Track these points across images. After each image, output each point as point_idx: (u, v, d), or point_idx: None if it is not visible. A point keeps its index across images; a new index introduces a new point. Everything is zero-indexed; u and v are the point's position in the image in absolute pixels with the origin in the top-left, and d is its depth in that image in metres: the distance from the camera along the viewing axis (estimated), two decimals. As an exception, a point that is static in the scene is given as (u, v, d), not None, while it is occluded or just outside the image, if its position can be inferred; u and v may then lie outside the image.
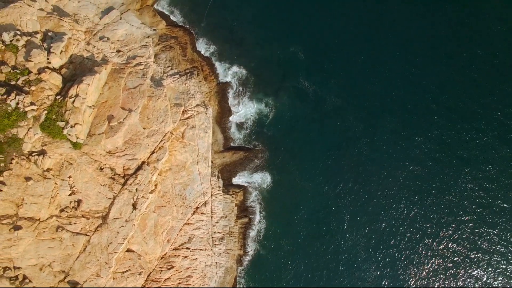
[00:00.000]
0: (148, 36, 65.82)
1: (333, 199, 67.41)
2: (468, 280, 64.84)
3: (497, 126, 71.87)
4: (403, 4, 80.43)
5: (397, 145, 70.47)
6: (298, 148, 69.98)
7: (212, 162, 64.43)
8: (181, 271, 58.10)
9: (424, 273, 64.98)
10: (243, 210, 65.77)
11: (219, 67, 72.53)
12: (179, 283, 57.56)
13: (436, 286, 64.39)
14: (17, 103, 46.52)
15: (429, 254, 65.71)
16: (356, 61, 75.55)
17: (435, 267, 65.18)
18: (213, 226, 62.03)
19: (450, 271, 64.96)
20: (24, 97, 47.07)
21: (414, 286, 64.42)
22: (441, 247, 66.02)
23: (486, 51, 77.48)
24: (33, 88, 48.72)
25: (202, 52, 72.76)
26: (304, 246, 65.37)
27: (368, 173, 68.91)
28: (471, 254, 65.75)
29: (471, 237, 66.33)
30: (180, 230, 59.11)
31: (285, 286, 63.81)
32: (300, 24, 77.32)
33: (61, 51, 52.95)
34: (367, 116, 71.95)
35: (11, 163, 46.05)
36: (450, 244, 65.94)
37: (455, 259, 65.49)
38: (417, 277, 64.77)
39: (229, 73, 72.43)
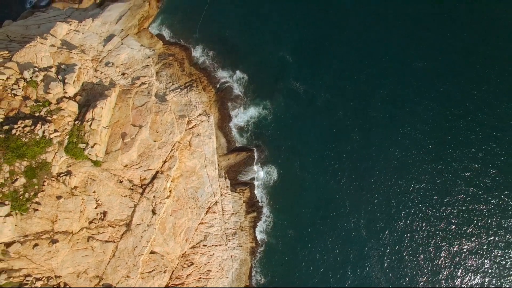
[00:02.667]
0: (148, 57, 68.75)
1: (333, 187, 70.97)
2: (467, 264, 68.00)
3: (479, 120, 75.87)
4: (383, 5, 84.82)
5: (386, 133, 74.54)
6: (296, 144, 73.48)
7: (218, 164, 67.65)
8: (200, 267, 61.63)
9: (422, 250, 68.42)
10: (251, 206, 69.11)
11: (217, 76, 75.78)
12: (200, 278, 60.99)
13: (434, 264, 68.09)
14: (43, 132, 50.12)
15: (427, 233, 69.05)
16: (340, 60, 79.34)
17: (433, 245, 68.56)
18: (225, 223, 65.54)
19: (447, 254, 68.42)
20: (48, 126, 50.72)
21: (413, 263, 68.20)
22: (438, 226, 69.54)
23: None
24: (54, 116, 52.38)
25: (199, 64, 75.97)
26: (310, 233, 68.81)
27: (363, 160, 72.54)
28: (469, 232, 69.10)
29: (469, 217, 69.84)
30: (196, 229, 62.48)
31: (296, 274, 67.29)
32: (286, 30, 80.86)
33: (74, 81, 56.43)
34: (355, 108, 75.73)
35: (44, 185, 49.51)
36: (444, 223, 69.64)
37: (451, 237, 69.03)
38: (417, 252, 68.32)
39: (226, 81, 75.66)
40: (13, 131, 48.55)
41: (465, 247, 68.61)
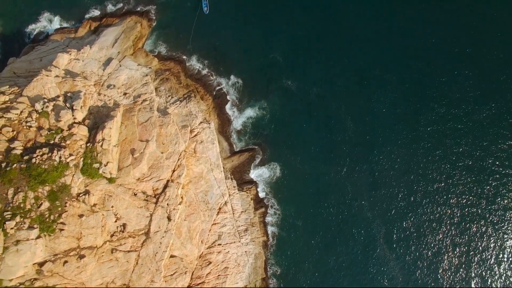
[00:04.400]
0: (146, 75, 71.37)
1: (334, 175, 74.66)
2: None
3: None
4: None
5: (378, 119, 78.27)
6: (294, 139, 76.95)
7: (223, 167, 70.96)
8: (218, 265, 65.33)
9: (426, 225, 72.76)
10: (259, 202, 72.73)
11: (212, 84, 78.59)
12: (219, 275, 64.65)
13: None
14: (60, 157, 53.29)
15: (428, 207, 73.51)
16: (327, 55, 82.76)
17: (436, 219, 72.94)
18: (236, 221, 69.10)
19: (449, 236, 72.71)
20: (64, 151, 53.95)
21: (417, 238, 72.31)
22: (438, 201, 73.91)
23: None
24: (68, 142, 55.58)
25: (194, 75, 78.70)
26: (317, 221, 72.53)
27: (358, 147, 76.31)
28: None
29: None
30: (210, 230, 65.99)
31: (309, 262, 71.12)
32: (274, 32, 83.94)
33: (81, 106, 59.61)
34: (346, 98, 79.19)
35: (66, 206, 52.72)
36: (445, 199, 74.08)
37: (453, 214, 73.43)
38: (421, 227, 72.55)
39: (222, 87, 78.73)
40: (33, 160, 51.86)
41: (467, 221, 73.09)
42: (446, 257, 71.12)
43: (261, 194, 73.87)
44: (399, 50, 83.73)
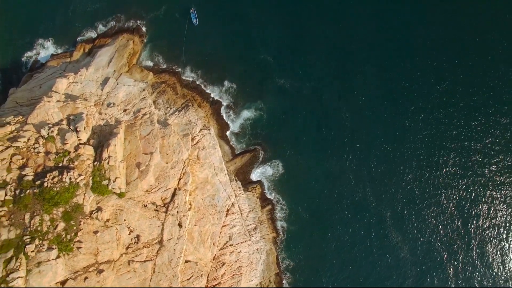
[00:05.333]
0: (143, 89, 73.21)
1: (335, 166, 76.82)
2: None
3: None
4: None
5: (370, 108, 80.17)
6: (293, 135, 79.10)
7: (227, 170, 72.83)
8: (231, 265, 67.49)
9: (432, 202, 75.30)
10: (265, 200, 74.96)
11: (208, 91, 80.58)
12: (234, 275, 66.84)
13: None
14: (70, 178, 55.17)
15: (430, 185, 76.17)
16: (316, 50, 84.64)
17: (439, 196, 75.65)
18: (245, 220, 71.01)
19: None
20: (73, 172, 55.82)
21: (423, 215, 74.61)
22: (437, 177, 76.44)
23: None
24: (76, 163, 57.57)
25: (190, 84, 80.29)
26: (322, 211, 74.82)
27: (355, 135, 78.36)
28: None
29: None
30: (220, 232, 67.96)
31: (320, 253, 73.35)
32: (261, 34, 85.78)
33: (84, 127, 61.40)
34: (339, 90, 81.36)
35: (80, 224, 54.53)
36: (444, 173, 76.25)
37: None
38: (426, 204, 75.27)
39: (218, 94, 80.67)
40: (45, 184, 53.90)
41: (463, 194, 75.33)
42: (454, 235, 73.71)
43: (267, 192, 75.91)
44: (392, 45, 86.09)
